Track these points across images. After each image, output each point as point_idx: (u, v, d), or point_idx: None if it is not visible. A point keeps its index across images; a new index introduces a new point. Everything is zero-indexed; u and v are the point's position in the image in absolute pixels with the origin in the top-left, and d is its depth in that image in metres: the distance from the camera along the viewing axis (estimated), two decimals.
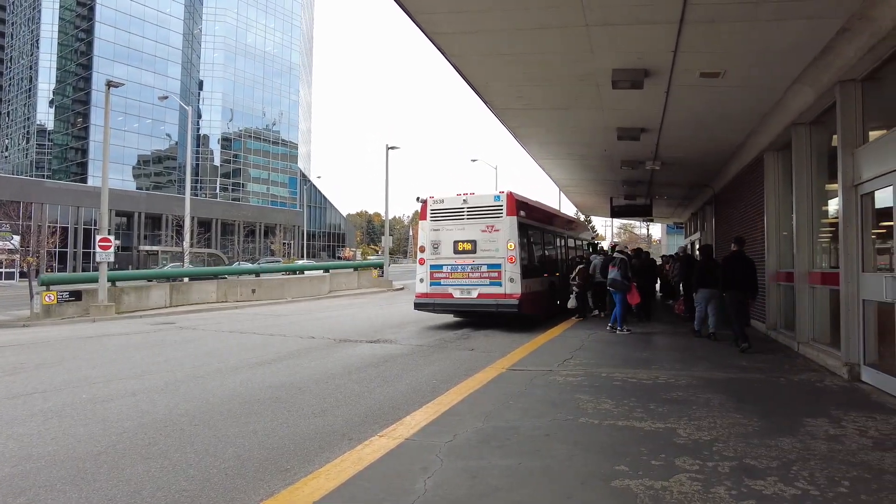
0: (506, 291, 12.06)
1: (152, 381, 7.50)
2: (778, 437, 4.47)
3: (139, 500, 3.75)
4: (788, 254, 9.80)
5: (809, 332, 8.59)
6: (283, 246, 70.49)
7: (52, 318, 16.18)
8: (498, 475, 3.78)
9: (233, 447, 4.77)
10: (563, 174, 17.66)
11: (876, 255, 6.59)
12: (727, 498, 3.36)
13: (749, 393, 6.07)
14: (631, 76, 7.45)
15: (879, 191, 6.26)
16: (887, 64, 6.14)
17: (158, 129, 76.83)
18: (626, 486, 3.55)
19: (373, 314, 16.95)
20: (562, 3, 5.75)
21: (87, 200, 54.86)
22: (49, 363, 9.08)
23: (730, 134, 10.80)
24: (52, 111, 75.01)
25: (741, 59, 6.97)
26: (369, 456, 4.15)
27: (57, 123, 74.94)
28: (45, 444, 4.90)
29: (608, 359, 8.21)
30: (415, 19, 6.32)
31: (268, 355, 9.44)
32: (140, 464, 4.40)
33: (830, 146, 7.90)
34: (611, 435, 4.62)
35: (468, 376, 7.01)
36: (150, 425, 5.43)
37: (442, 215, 12.89)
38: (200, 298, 21.11)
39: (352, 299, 24.05)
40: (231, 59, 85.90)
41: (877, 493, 3.43)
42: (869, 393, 6.04)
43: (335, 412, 5.84)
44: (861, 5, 5.42)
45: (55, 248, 34.50)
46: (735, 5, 5.58)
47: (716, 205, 17.34)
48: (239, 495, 3.81)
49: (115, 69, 67.46)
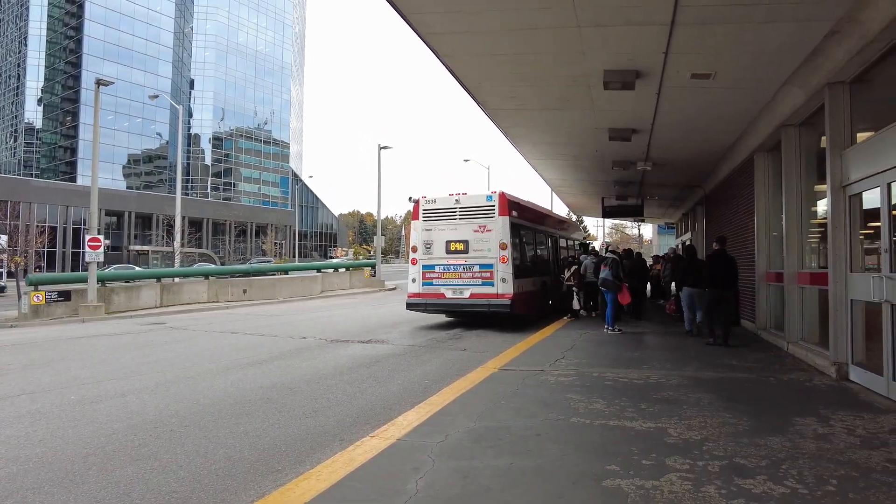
0: (498, 291, 12.08)
1: (142, 381, 7.44)
2: (767, 437, 4.50)
3: (128, 502, 3.72)
4: (778, 254, 9.89)
5: (798, 331, 8.66)
6: (274, 246, 70.24)
7: (41, 319, 16.03)
8: (490, 475, 3.79)
9: (223, 448, 4.74)
10: (555, 174, 17.72)
11: (864, 256, 6.65)
12: (717, 497, 3.38)
13: (739, 392, 6.11)
14: (622, 77, 7.49)
15: (867, 192, 6.32)
16: (875, 66, 6.21)
17: (149, 128, 76.28)
18: (616, 485, 3.56)
19: (365, 314, 16.92)
20: (554, 4, 5.77)
21: (76, 200, 54.42)
22: (37, 364, 8.99)
23: (720, 135, 10.88)
24: (40, 109, 74.26)
25: (732, 61, 7.02)
26: (361, 457, 4.14)
27: (45, 122, 74.20)
28: (32, 446, 4.85)
29: (600, 359, 8.24)
30: (407, 19, 6.32)
31: (259, 356, 9.39)
32: (129, 465, 4.36)
33: (819, 147, 7.97)
34: (602, 435, 4.64)
35: (460, 376, 7.02)
36: (140, 426, 5.39)
37: (434, 215, 12.89)
38: (191, 298, 20.98)
39: (344, 299, 23.99)
40: (222, 57, 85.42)
41: (864, 492, 3.46)
42: (857, 392, 6.10)
43: (327, 413, 5.83)
44: (850, 9, 5.48)
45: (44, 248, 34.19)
46: (726, 7, 5.62)
47: (707, 205, 17.45)
48: (230, 497, 3.78)
49: (105, 67, 66.96)
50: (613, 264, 11.52)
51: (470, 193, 12.85)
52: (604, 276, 11.50)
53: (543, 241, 16.04)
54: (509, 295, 11.99)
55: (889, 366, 5.73)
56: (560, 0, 5.63)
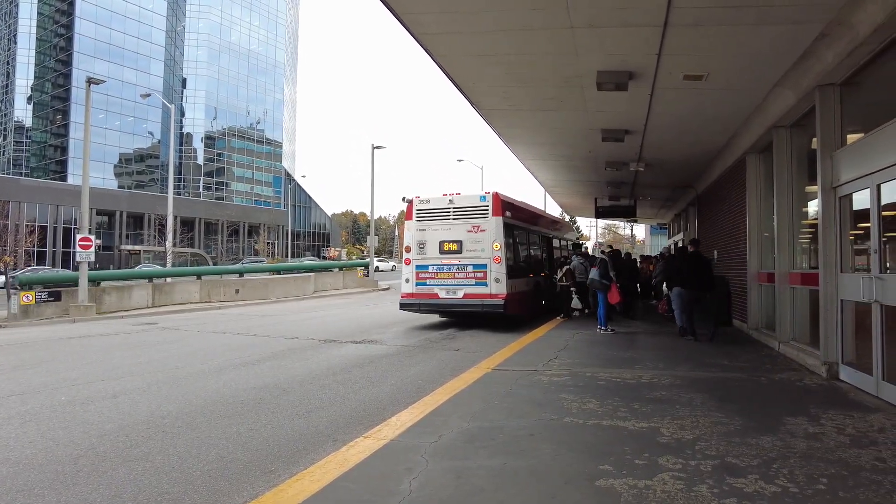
0: (491, 291, 12.09)
1: (134, 382, 7.39)
2: (759, 436, 4.53)
3: (119, 503, 3.70)
4: (769, 254, 9.96)
5: (790, 331, 8.73)
6: (267, 245, 69.96)
7: (31, 319, 15.88)
8: (483, 475, 3.79)
9: (216, 449, 4.71)
10: (548, 175, 17.75)
11: (854, 256, 6.71)
12: (709, 496, 3.40)
13: (731, 392, 6.15)
14: (615, 78, 7.51)
15: (857, 193, 6.38)
16: (865, 69, 6.27)
17: (140, 127, 75.83)
18: (610, 485, 3.58)
19: (358, 314, 16.89)
20: (547, 5, 5.78)
21: (66, 199, 53.97)
22: (27, 365, 8.91)
23: (713, 136, 10.94)
24: (30, 108, 73.63)
25: (724, 63, 7.06)
26: (354, 457, 4.14)
27: (35, 121, 73.57)
28: (22, 448, 4.81)
29: (592, 359, 8.27)
30: (401, 20, 6.31)
31: (252, 356, 9.35)
32: (121, 467, 4.33)
33: (810, 149, 8.04)
34: (595, 434, 4.65)
35: (453, 376, 7.02)
36: (132, 427, 5.35)
37: (428, 215, 12.88)
38: (183, 298, 20.87)
39: (337, 299, 23.94)
40: (215, 56, 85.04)
41: (853, 490, 3.49)
42: (847, 391, 6.16)
43: (320, 413, 5.81)
44: (840, 12, 5.53)
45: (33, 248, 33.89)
46: (719, 9, 5.66)
47: (699, 206, 17.55)
48: (222, 498, 3.77)
49: (96, 66, 66.50)
50: (602, 264, 11.58)
51: (464, 194, 12.86)
52: (591, 277, 11.57)
53: (537, 241, 16.07)
54: (503, 295, 12.01)
55: (878, 365, 5.79)
56: (553, 1, 5.65)
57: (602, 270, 11.42)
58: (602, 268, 11.47)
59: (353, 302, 22.50)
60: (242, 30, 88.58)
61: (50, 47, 72.58)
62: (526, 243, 14.81)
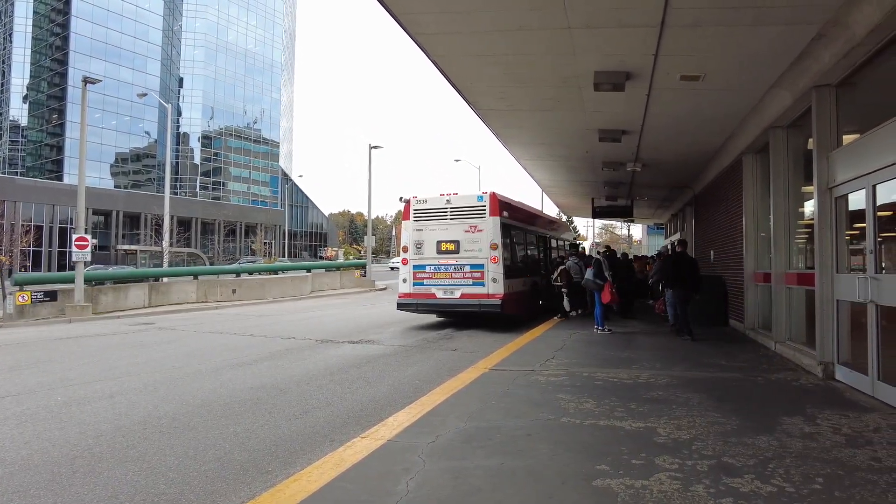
0: (489, 291, 12.10)
1: (130, 382, 7.37)
2: (755, 436, 4.54)
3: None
4: (766, 255, 9.99)
5: (786, 331, 8.75)
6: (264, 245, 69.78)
7: (26, 319, 15.83)
8: (480, 475, 3.79)
9: (213, 449, 4.71)
10: (545, 175, 17.77)
11: (850, 256, 6.73)
12: (706, 496, 3.40)
13: (727, 392, 6.17)
14: (612, 78, 7.52)
15: (853, 193, 6.40)
16: (861, 70, 6.29)
17: (137, 126, 75.53)
18: (607, 485, 3.58)
19: (355, 314, 16.88)
20: (545, 5, 5.79)
21: (62, 198, 53.70)
22: (23, 365, 8.88)
23: (709, 136, 10.96)
24: (26, 107, 73.25)
25: (721, 63, 7.08)
26: (351, 457, 4.13)
27: (31, 120, 73.20)
28: (18, 449, 4.79)
29: (590, 359, 8.28)
30: (399, 20, 6.31)
31: (249, 356, 9.34)
32: (118, 467, 4.32)
33: (806, 149, 8.07)
34: (592, 434, 4.66)
35: (451, 376, 7.02)
36: (129, 428, 5.34)
37: (425, 215, 12.88)
38: (180, 298, 20.82)
39: (334, 299, 23.92)
40: (212, 56, 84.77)
41: (849, 490, 3.51)
42: (842, 391, 6.18)
43: (317, 413, 5.81)
44: (837, 12, 5.54)
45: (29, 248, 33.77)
46: (716, 10, 5.67)
47: (696, 206, 17.59)
48: (219, 498, 3.76)
49: (92, 65, 66.22)
50: (596, 265, 11.61)
51: (461, 194, 12.86)
52: (586, 277, 11.61)
53: (534, 241, 16.09)
54: (500, 295, 12.02)
55: (873, 365, 5.81)
56: (551, 1, 5.65)
57: (596, 270, 11.45)
58: (596, 268, 11.49)
59: (350, 302, 22.49)
60: (239, 29, 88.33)
61: (46, 46, 72.25)
62: (523, 243, 14.82)
